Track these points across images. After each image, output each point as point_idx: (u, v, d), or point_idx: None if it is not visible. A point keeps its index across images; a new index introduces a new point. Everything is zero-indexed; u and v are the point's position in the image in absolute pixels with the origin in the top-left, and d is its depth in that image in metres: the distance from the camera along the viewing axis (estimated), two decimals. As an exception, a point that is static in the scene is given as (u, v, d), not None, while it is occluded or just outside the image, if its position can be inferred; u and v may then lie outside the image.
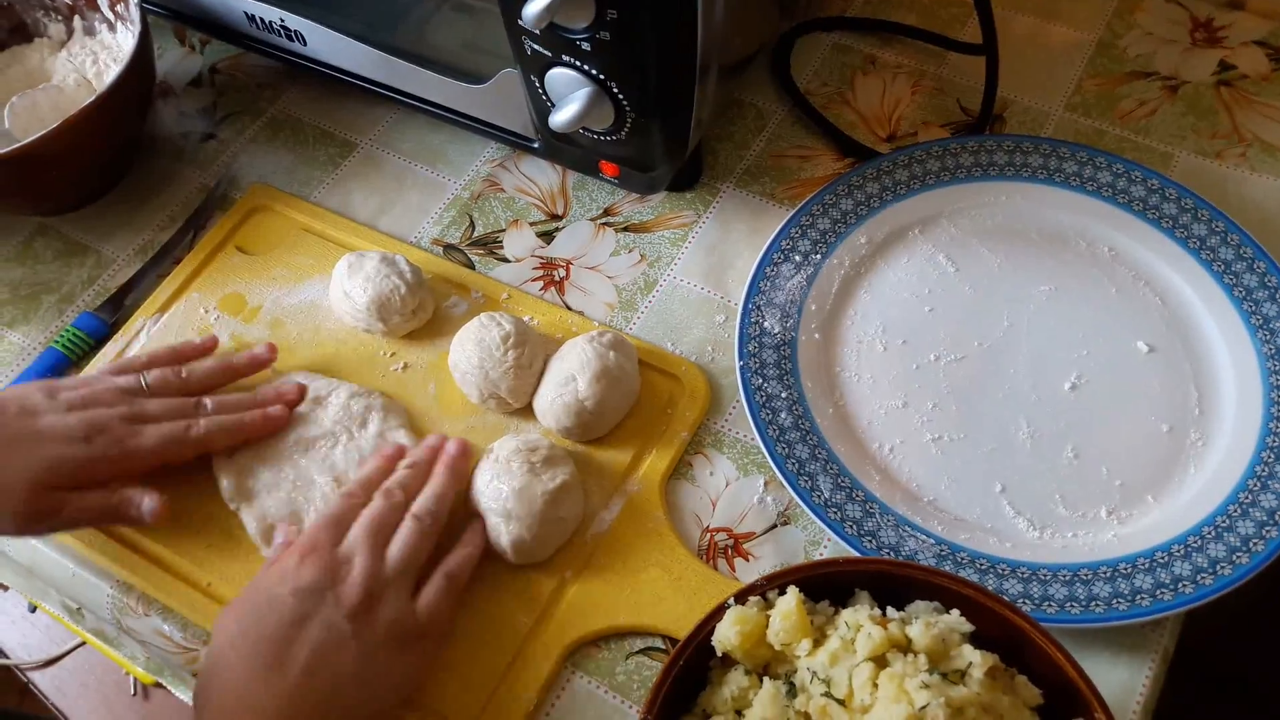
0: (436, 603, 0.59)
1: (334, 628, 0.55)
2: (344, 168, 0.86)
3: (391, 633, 0.57)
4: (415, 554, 0.60)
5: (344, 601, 0.56)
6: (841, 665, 0.49)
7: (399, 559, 0.59)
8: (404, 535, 0.60)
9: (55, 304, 0.80)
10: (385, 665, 0.56)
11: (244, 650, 0.54)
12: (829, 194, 0.76)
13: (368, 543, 0.59)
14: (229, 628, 0.56)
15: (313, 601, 0.56)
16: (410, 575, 0.59)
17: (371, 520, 0.61)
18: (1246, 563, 0.60)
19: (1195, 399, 0.68)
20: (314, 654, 0.54)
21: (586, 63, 0.64)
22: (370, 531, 0.60)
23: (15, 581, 0.75)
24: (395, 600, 0.58)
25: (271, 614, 0.55)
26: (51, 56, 0.87)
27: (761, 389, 0.68)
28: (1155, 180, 0.75)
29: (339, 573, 0.57)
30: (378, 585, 0.58)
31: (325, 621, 0.55)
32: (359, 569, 0.58)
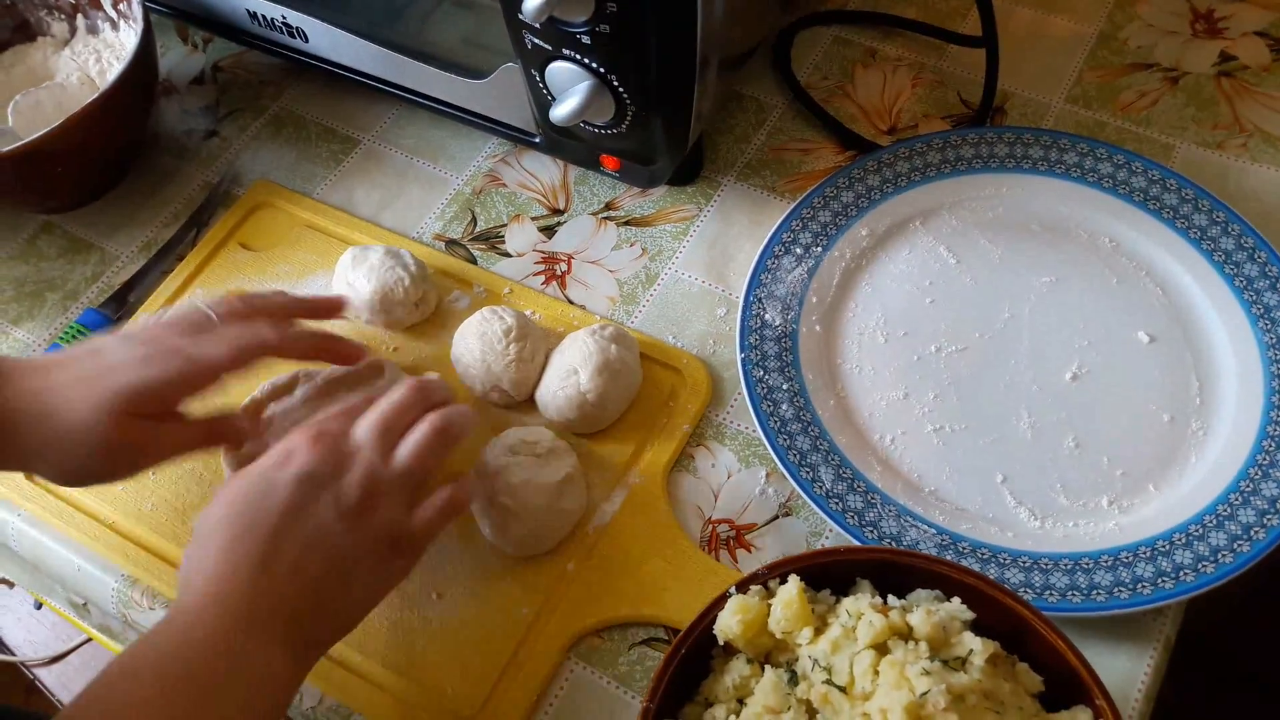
0: (432, 521, 0.57)
1: (326, 526, 0.53)
2: (346, 164, 0.86)
3: (380, 540, 0.54)
4: (423, 462, 0.57)
5: (342, 499, 0.53)
6: (843, 653, 0.49)
7: (406, 464, 0.56)
8: (416, 439, 0.57)
9: (59, 301, 0.81)
10: (366, 569, 0.54)
11: (232, 536, 0.52)
12: (830, 186, 0.76)
13: (377, 440, 0.56)
14: (220, 509, 0.53)
15: (310, 493, 0.53)
16: (411, 484, 0.57)
17: (386, 415, 0.57)
18: (1248, 551, 0.60)
19: (1196, 389, 0.68)
20: (301, 552, 0.52)
21: (587, 56, 0.64)
22: (382, 428, 0.57)
23: (21, 578, 0.76)
24: (392, 507, 0.55)
25: (267, 500, 0.52)
26: (55, 55, 0.87)
27: (763, 381, 0.69)
28: (1156, 171, 0.75)
29: (342, 465, 0.55)
30: (378, 487, 0.55)
31: (317, 519, 0.53)
32: (362, 466, 0.55)
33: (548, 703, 0.61)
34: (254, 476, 0.54)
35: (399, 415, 0.58)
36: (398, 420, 0.58)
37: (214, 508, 0.53)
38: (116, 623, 0.69)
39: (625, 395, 0.69)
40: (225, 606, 0.50)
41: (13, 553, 0.72)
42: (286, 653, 0.51)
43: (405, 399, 0.59)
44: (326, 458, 0.54)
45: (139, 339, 0.59)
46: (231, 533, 0.52)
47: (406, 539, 0.56)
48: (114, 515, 0.69)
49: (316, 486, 0.53)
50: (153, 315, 0.68)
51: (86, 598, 0.71)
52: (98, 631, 0.76)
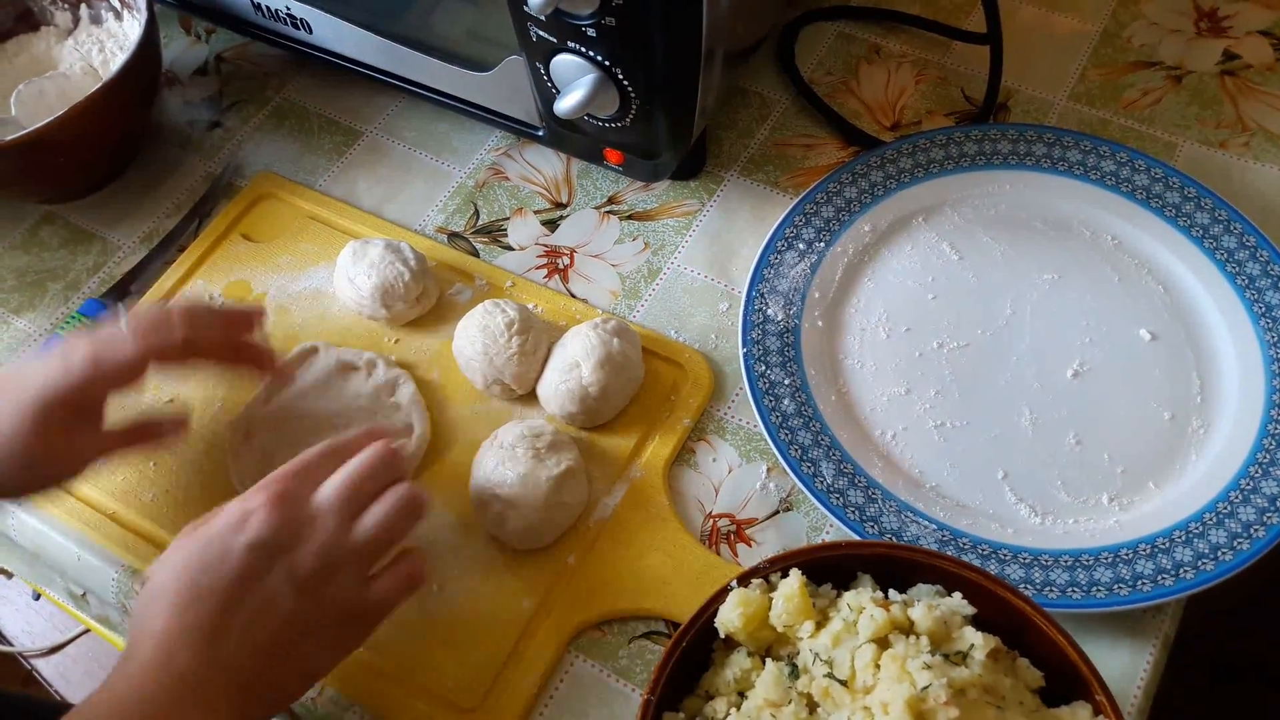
0: (389, 595, 0.55)
1: (279, 597, 0.51)
2: (349, 156, 0.86)
3: (335, 612, 0.53)
4: (388, 536, 0.55)
5: (297, 570, 0.52)
6: (844, 647, 0.49)
7: (369, 536, 0.54)
8: (383, 511, 0.55)
9: (61, 291, 0.81)
10: (316, 641, 0.53)
11: (183, 600, 0.50)
12: (833, 182, 0.76)
13: (340, 508, 0.54)
14: (173, 568, 0.52)
15: (264, 561, 0.51)
16: (371, 557, 0.55)
17: (351, 481, 0.55)
18: (1248, 549, 0.60)
19: (1197, 386, 0.68)
20: (251, 621, 0.50)
21: (591, 49, 0.64)
22: (346, 495, 0.55)
23: (20, 568, 0.76)
24: (348, 579, 0.53)
25: (220, 566, 0.51)
26: (58, 44, 0.87)
27: (765, 376, 0.69)
28: (1159, 169, 0.75)
29: (300, 532, 0.53)
30: (337, 558, 0.53)
31: (271, 588, 0.51)
32: (321, 535, 0.53)
33: (548, 695, 0.61)
34: (209, 538, 0.52)
35: (364, 482, 0.56)
36: (365, 486, 0.56)
37: (165, 567, 0.52)
38: (115, 613, 0.69)
39: (627, 389, 0.69)
40: (172, 674, 0.49)
41: (13, 542, 0.72)
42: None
43: (372, 465, 0.56)
44: (285, 523, 0.53)
45: (54, 350, 0.60)
46: (182, 598, 0.50)
47: (361, 612, 0.54)
48: (115, 505, 0.69)
49: (272, 554, 0.52)
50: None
51: (86, 588, 0.71)
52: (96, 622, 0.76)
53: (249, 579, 0.51)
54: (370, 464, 0.56)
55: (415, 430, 0.69)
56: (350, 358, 0.72)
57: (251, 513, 0.53)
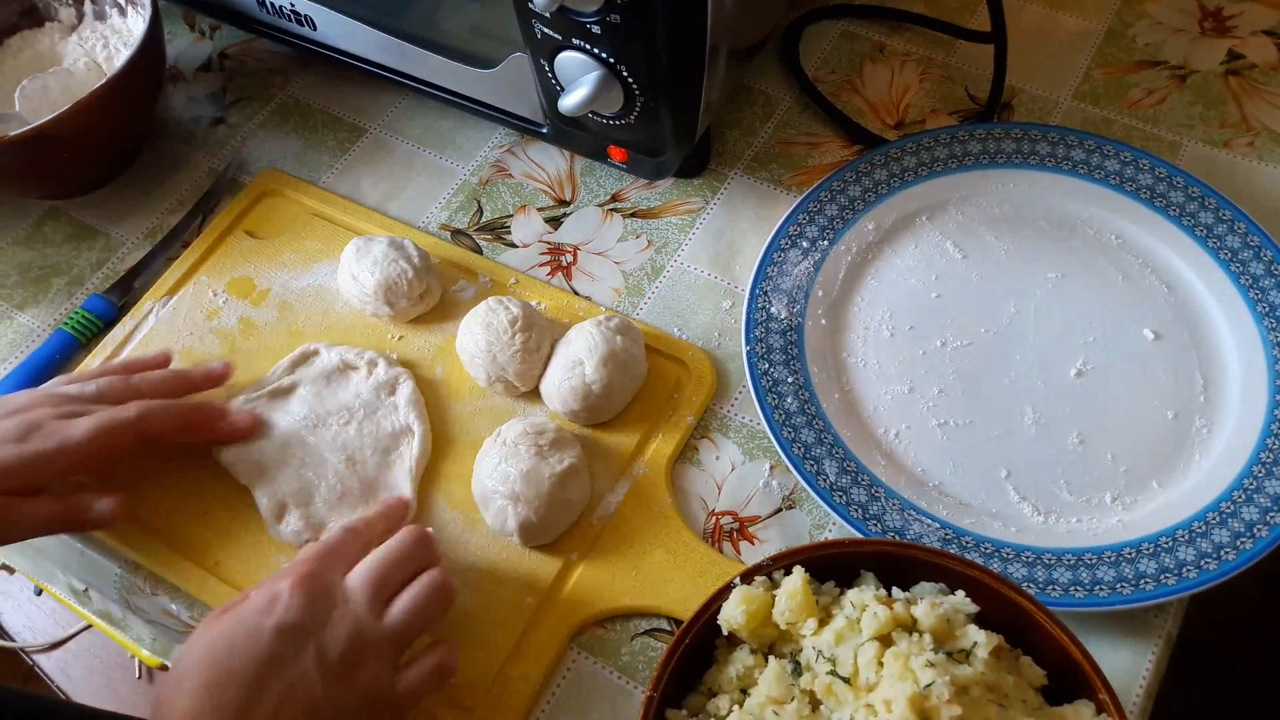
0: (419, 686, 0.54)
1: (306, 683, 0.50)
2: (353, 153, 0.86)
3: (364, 703, 0.52)
4: (417, 622, 0.55)
5: (326, 655, 0.51)
6: (847, 644, 0.49)
7: (399, 623, 0.54)
8: (413, 598, 0.55)
9: (65, 286, 0.81)
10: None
11: (209, 682, 0.49)
12: (836, 180, 0.76)
13: (370, 592, 0.54)
14: (200, 650, 0.51)
15: (293, 644, 0.51)
16: (402, 645, 0.54)
17: (382, 566, 0.55)
18: (1250, 548, 0.60)
19: (1201, 386, 0.68)
20: (278, 706, 0.49)
21: (596, 46, 0.64)
22: (378, 579, 0.55)
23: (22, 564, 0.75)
24: (378, 668, 0.52)
25: (247, 649, 0.50)
26: (62, 40, 0.87)
27: (768, 374, 0.69)
28: (1163, 169, 0.75)
29: (329, 615, 0.52)
30: (366, 644, 0.52)
31: (299, 673, 0.50)
32: (351, 620, 0.52)
33: (550, 693, 0.61)
34: (237, 621, 0.52)
35: (394, 568, 0.56)
36: (393, 573, 0.55)
37: (191, 650, 0.51)
38: (117, 609, 0.69)
39: (630, 387, 0.69)
40: None
41: (16, 537, 0.72)
42: None
43: (403, 550, 0.56)
44: (313, 606, 0.52)
45: (15, 408, 0.61)
46: (208, 677, 0.50)
47: (390, 702, 0.53)
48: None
49: (301, 637, 0.51)
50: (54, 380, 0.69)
51: (88, 583, 0.71)
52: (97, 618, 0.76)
53: (277, 663, 0.50)
54: (403, 548, 0.56)
55: (414, 431, 0.69)
56: (351, 357, 0.72)
57: (279, 594, 0.52)
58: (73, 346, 0.76)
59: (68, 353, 0.76)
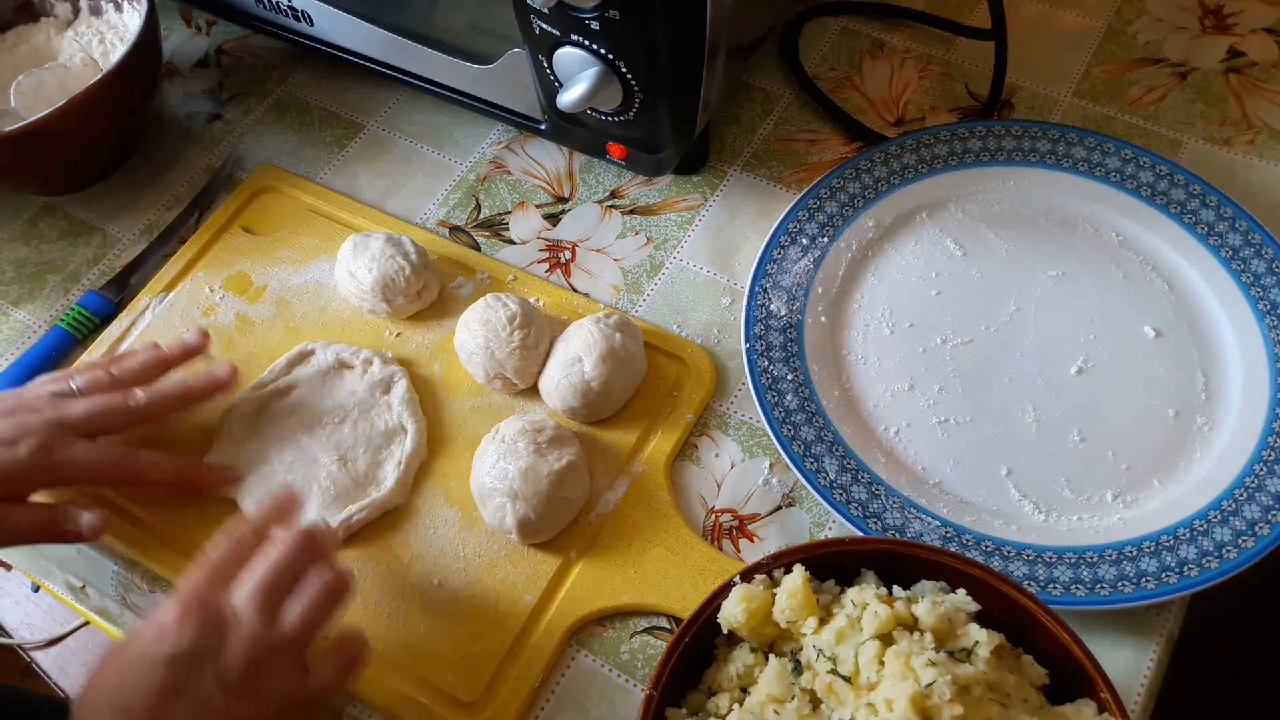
0: (328, 685, 0.53)
1: (208, 706, 0.48)
2: (350, 149, 0.86)
3: (273, 708, 0.50)
4: (313, 621, 0.53)
5: (225, 674, 0.49)
6: (847, 643, 0.49)
7: (295, 628, 0.52)
8: (307, 600, 0.53)
9: (61, 283, 0.80)
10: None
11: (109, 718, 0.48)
12: (836, 177, 0.76)
13: (260, 602, 0.51)
14: (99, 687, 0.49)
15: (188, 671, 0.48)
16: (304, 646, 0.52)
17: (268, 575, 0.53)
18: (1252, 547, 0.60)
19: (1202, 384, 0.67)
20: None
21: (595, 42, 0.63)
22: (265, 589, 0.52)
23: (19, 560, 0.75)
24: (284, 671, 0.51)
25: (143, 682, 0.48)
26: (58, 35, 0.87)
27: (768, 371, 0.68)
28: (1164, 166, 0.75)
29: (221, 636, 0.50)
30: (264, 655, 0.50)
31: (199, 699, 0.48)
32: (245, 635, 0.50)
33: (549, 690, 0.61)
34: (130, 656, 0.50)
35: (282, 573, 0.53)
36: (281, 578, 0.53)
37: (92, 689, 0.50)
38: (115, 606, 0.69)
39: (629, 384, 0.69)
40: None
41: (12, 535, 0.72)
42: None
43: (288, 554, 0.54)
44: (203, 630, 0.50)
45: (2, 410, 0.61)
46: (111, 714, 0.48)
47: (303, 703, 0.52)
48: (116, 498, 0.68)
49: (195, 664, 0.49)
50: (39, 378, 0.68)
51: (85, 580, 0.71)
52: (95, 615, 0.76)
53: (175, 692, 0.48)
54: (287, 550, 0.54)
55: (408, 430, 0.68)
56: (347, 356, 0.71)
57: (167, 625, 0.50)
58: (69, 343, 0.76)
59: (64, 349, 0.75)
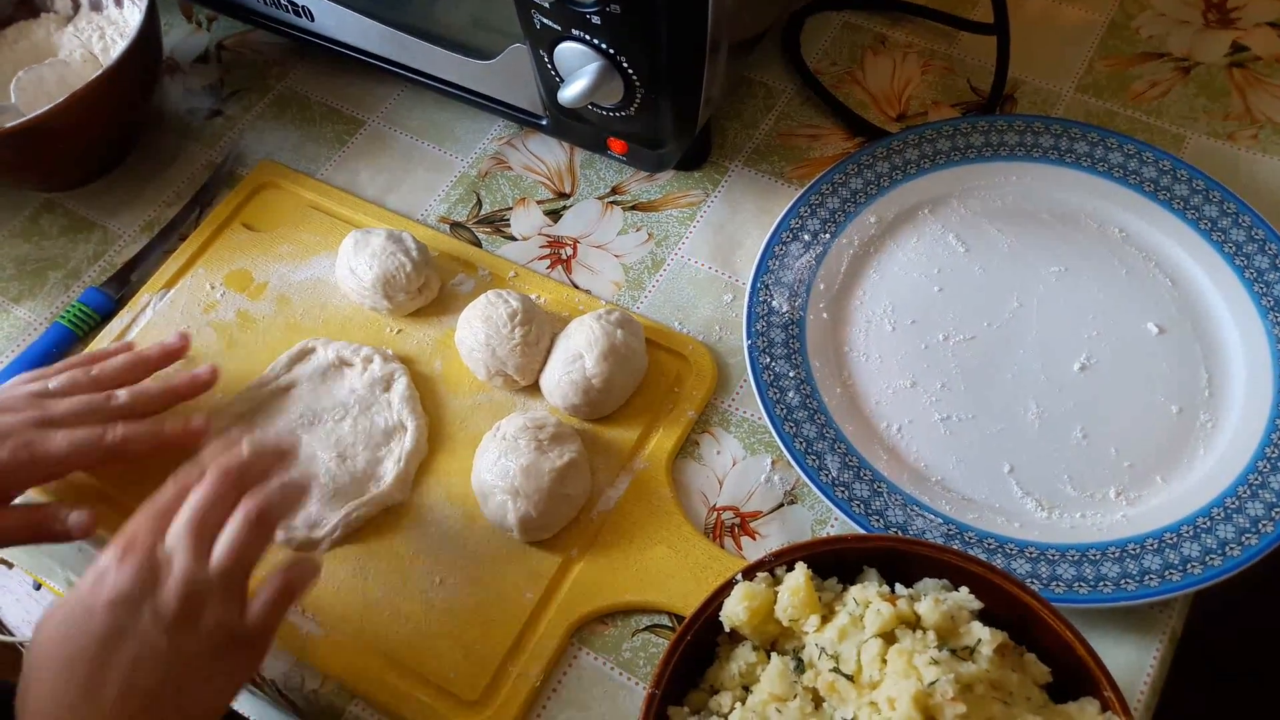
0: (268, 613, 0.54)
1: (149, 644, 0.50)
2: (351, 145, 0.86)
3: (214, 641, 0.52)
4: (243, 556, 0.54)
5: (161, 612, 0.50)
6: (850, 641, 0.49)
7: (223, 563, 0.53)
8: (230, 535, 0.54)
9: (61, 280, 0.80)
10: (204, 676, 0.52)
11: (57, 668, 0.50)
12: (838, 173, 0.76)
13: (190, 541, 0.53)
14: (44, 639, 0.51)
15: (128, 613, 0.50)
16: (238, 578, 0.54)
17: (195, 513, 0.54)
18: (1255, 544, 0.60)
19: (1205, 381, 0.67)
20: (127, 677, 0.49)
21: (596, 36, 0.63)
22: (193, 527, 0.53)
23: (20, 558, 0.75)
24: (219, 606, 0.52)
25: (85, 629, 0.50)
26: (58, 31, 0.86)
27: (769, 368, 0.68)
28: (1167, 161, 0.74)
29: (158, 576, 0.51)
30: (199, 591, 0.52)
31: (140, 638, 0.50)
32: (178, 573, 0.52)
33: (551, 688, 0.61)
34: (70, 605, 0.51)
35: (210, 510, 0.54)
36: (210, 516, 0.54)
37: (38, 639, 0.51)
38: (116, 604, 0.69)
39: (631, 381, 0.68)
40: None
41: (13, 532, 0.72)
42: None
43: (214, 491, 0.55)
44: (138, 573, 0.51)
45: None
46: (56, 663, 0.50)
47: (243, 636, 0.53)
48: (116, 494, 0.68)
49: (134, 605, 0.50)
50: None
51: (86, 578, 0.71)
52: (97, 612, 0.76)
53: (116, 635, 0.50)
54: (212, 489, 0.55)
55: (407, 428, 0.68)
56: (347, 354, 0.71)
57: (104, 571, 0.51)
58: (69, 340, 0.75)
59: (64, 346, 0.75)
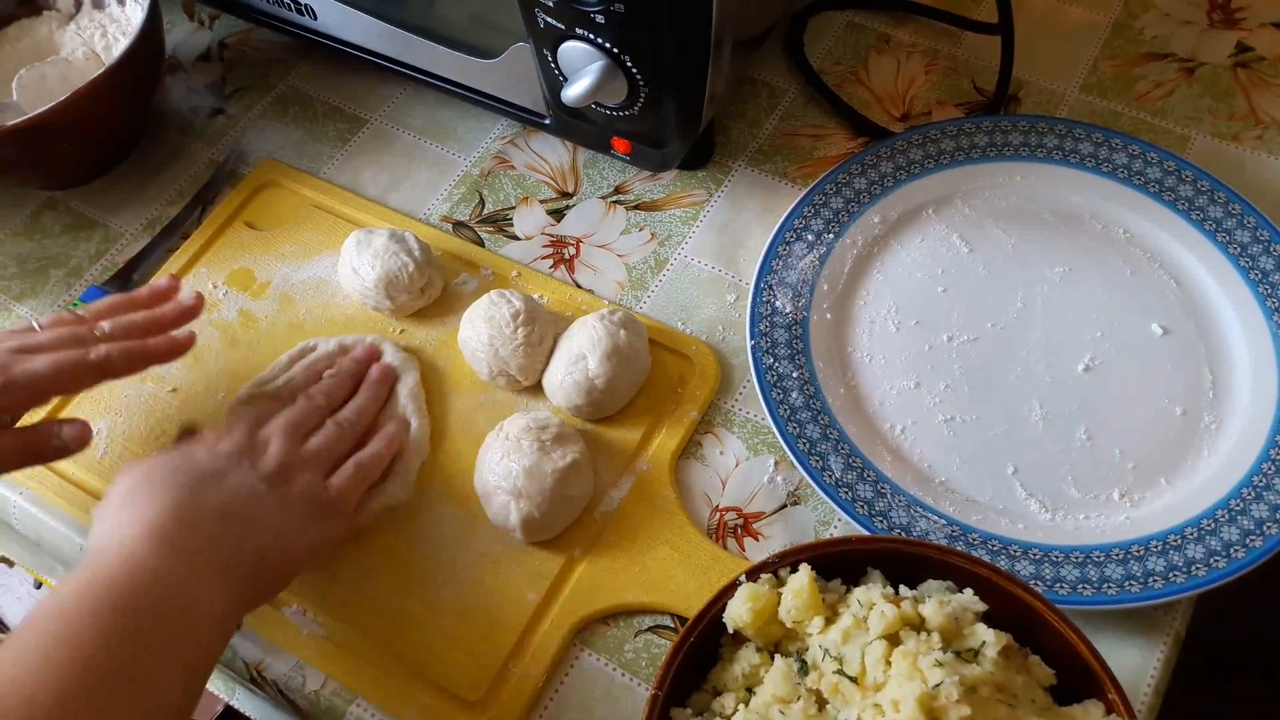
0: (345, 485, 0.61)
1: (249, 485, 0.57)
2: (354, 144, 0.86)
3: (304, 499, 0.59)
4: (330, 449, 0.63)
5: (260, 468, 0.58)
6: (854, 643, 0.49)
7: (314, 449, 0.62)
8: (322, 434, 0.63)
9: (63, 278, 0.80)
10: (298, 527, 0.58)
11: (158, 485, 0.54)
12: (842, 173, 0.76)
13: (285, 432, 0.62)
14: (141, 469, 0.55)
15: (229, 464, 0.57)
16: (323, 463, 0.62)
17: (291, 417, 0.63)
18: (1260, 546, 0.60)
19: (1209, 382, 0.67)
20: (226, 500, 0.55)
21: (600, 35, 0.63)
22: (289, 426, 0.62)
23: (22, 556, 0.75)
24: (308, 477, 0.60)
25: (188, 463, 0.56)
26: (60, 29, 0.86)
27: (773, 368, 0.68)
28: (1171, 162, 0.74)
29: (256, 449, 0.60)
30: (292, 463, 0.60)
31: (240, 477, 0.57)
32: (275, 449, 0.60)
33: (553, 689, 0.61)
34: (173, 451, 0.58)
35: (305, 416, 0.64)
36: (304, 419, 0.64)
37: (128, 474, 0.55)
38: (118, 603, 0.69)
39: (634, 381, 0.68)
40: (160, 540, 0.51)
41: (14, 531, 0.72)
42: (222, 589, 0.52)
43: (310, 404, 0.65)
44: (243, 441, 0.60)
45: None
46: (155, 485, 0.54)
47: (328, 503, 0.60)
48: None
49: (235, 459, 0.58)
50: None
51: (88, 577, 0.70)
52: (98, 611, 0.76)
53: (217, 473, 0.56)
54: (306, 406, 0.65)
55: (412, 426, 0.68)
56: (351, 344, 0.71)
57: (204, 436, 0.60)
58: (71, 339, 0.75)
59: (66, 345, 0.75)
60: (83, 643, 0.46)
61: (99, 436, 0.70)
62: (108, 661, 0.46)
